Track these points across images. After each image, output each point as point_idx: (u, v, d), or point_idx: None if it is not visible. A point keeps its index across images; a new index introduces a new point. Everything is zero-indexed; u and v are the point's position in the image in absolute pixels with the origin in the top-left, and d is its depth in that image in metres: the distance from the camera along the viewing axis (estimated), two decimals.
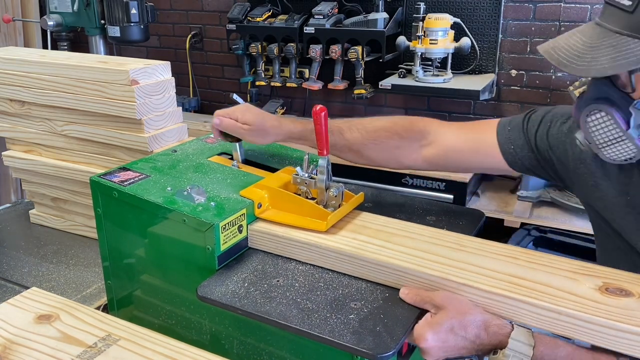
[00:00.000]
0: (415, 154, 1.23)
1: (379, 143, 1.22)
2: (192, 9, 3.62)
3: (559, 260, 0.96)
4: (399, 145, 1.22)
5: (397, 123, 1.25)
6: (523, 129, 1.13)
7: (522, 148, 1.13)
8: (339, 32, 2.89)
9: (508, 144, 1.14)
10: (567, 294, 0.86)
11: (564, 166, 1.09)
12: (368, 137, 1.23)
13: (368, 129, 1.23)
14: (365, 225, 1.09)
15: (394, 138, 1.22)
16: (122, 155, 1.48)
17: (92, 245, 1.59)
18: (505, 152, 1.14)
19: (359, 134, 1.23)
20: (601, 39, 0.83)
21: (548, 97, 2.80)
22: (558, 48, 0.88)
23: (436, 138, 1.21)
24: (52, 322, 0.90)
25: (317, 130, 1.04)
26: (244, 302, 0.92)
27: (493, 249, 1.01)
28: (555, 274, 0.92)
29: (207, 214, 1.01)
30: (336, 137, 1.22)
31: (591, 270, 0.92)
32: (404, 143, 1.22)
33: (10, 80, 1.56)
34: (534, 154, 1.12)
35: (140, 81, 1.41)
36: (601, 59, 0.82)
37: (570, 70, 0.85)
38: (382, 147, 1.23)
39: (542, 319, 0.84)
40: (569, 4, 2.63)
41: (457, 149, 1.19)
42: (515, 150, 1.13)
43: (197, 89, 3.72)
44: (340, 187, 1.09)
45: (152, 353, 0.83)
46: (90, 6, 2.85)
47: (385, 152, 1.23)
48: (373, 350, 0.81)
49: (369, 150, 1.23)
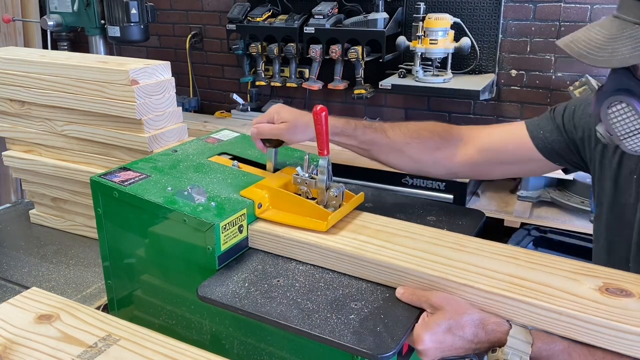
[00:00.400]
0: (454, 155, 1.22)
1: (422, 142, 1.21)
2: (192, 9, 3.62)
3: (559, 260, 0.96)
4: (439, 146, 1.22)
5: (436, 124, 1.25)
6: (550, 117, 1.17)
7: (552, 132, 1.15)
8: (339, 32, 2.89)
9: (537, 130, 1.16)
10: (568, 294, 0.86)
11: (588, 144, 1.12)
12: (411, 136, 1.21)
13: (410, 128, 1.23)
14: (365, 225, 1.09)
15: (435, 138, 1.22)
16: (122, 155, 1.48)
17: (92, 245, 1.59)
18: (535, 137, 1.16)
19: (402, 132, 1.22)
20: (620, 30, 0.84)
21: (548, 97, 2.80)
22: (577, 41, 0.89)
23: (472, 135, 1.23)
24: (52, 322, 0.90)
25: (318, 130, 1.04)
26: (245, 302, 0.92)
27: (493, 249, 1.01)
28: (555, 274, 0.91)
29: (208, 214, 1.01)
30: (379, 135, 1.21)
31: (591, 270, 0.92)
32: (444, 144, 1.22)
33: (10, 80, 1.56)
34: (563, 137, 1.15)
35: (140, 81, 1.41)
36: (622, 50, 0.83)
37: (592, 61, 0.86)
38: (424, 147, 1.22)
39: (542, 319, 0.84)
40: (569, 4, 2.63)
41: (492, 143, 1.21)
42: (544, 135, 1.15)
43: (197, 89, 3.72)
44: (340, 187, 1.09)
45: (153, 353, 0.83)
46: (90, 6, 2.85)
47: (427, 152, 1.22)
48: (373, 351, 0.81)
49: (412, 149, 1.21)
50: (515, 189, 2.72)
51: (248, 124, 3.06)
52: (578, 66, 2.68)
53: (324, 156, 1.06)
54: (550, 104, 2.79)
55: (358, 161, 2.78)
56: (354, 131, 1.21)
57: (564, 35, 0.92)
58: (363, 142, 1.21)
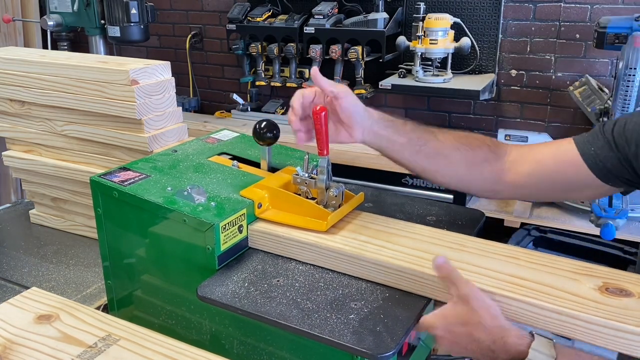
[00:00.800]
0: (502, 171, 1.09)
1: (472, 149, 1.08)
2: (192, 9, 3.62)
3: (559, 260, 0.96)
4: (488, 158, 1.09)
5: (484, 137, 1.13)
6: (601, 132, 1.07)
7: (602, 148, 1.05)
8: (339, 32, 2.89)
9: (588, 146, 1.06)
10: (568, 294, 0.86)
11: None
12: (460, 141, 1.08)
13: (459, 134, 1.11)
14: (365, 225, 1.09)
15: (483, 148, 1.09)
16: (122, 155, 1.48)
17: (92, 245, 1.59)
18: (586, 154, 1.05)
19: (452, 136, 1.10)
20: None
21: (548, 97, 2.80)
22: None
23: (521, 153, 1.10)
24: (52, 322, 0.90)
25: (317, 130, 1.04)
26: (244, 302, 0.92)
27: (493, 249, 1.01)
28: (556, 274, 0.92)
29: (207, 214, 1.01)
30: (428, 135, 1.08)
31: (591, 270, 0.93)
32: (492, 157, 1.09)
33: (10, 80, 1.56)
34: (614, 152, 1.05)
35: (140, 81, 1.41)
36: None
37: None
38: (473, 155, 1.08)
39: (542, 319, 0.84)
40: (569, 4, 2.63)
41: (542, 160, 1.09)
42: (595, 152, 1.06)
43: (197, 89, 3.72)
44: (340, 187, 1.09)
45: (152, 353, 0.83)
46: (90, 6, 2.85)
47: (476, 163, 1.09)
48: (373, 351, 0.81)
49: (461, 156, 1.08)
50: None
51: (248, 124, 3.06)
52: (578, 66, 2.68)
53: (323, 156, 1.06)
54: (550, 104, 2.80)
55: (358, 161, 2.79)
56: (404, 126, 1.07)
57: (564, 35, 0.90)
58: (412, 139, 1.06)
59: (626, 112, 2.16)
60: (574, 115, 2.76)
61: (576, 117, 2.75)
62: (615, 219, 1.99)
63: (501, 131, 2.52)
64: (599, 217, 2.04)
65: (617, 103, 2.18)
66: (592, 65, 2.65)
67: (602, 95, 2.42)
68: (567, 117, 2.78)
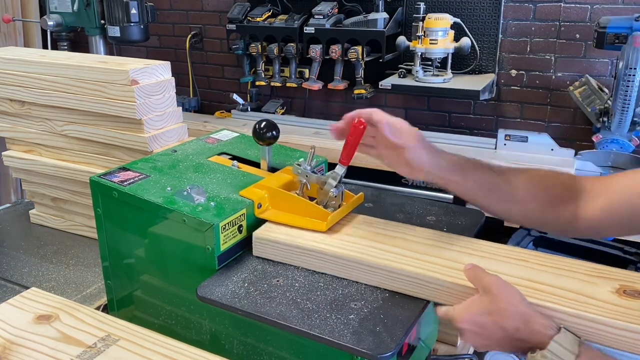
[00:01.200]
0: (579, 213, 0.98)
1: (547, 192, 0.99)
2: (192, 9, 3.62)
3: (571, 262, 0.95)
4: (565, 199, 0.98)
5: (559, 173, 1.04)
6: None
7: None
8: (339, 32, 2.89)
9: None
10: (587, 297, 0.85)
11: None
12: (533, 182, 1.00)
13: (532, 174, 1.02)
14: (366, 225, 1.08)
15: (557, 187, 1.00)
16: (122, 155, 1.48)
17: (92, 245, 1.59)
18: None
19: (525, 178, 1.01)
20: None
21: (548, 97, 2.80)
22: None
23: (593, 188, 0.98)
24: (51, 322, 0.90)
25: (350, 141, 1.02)
26: (244, 302, 0.92)
27: (500, 251, 0.99)
28: (570, 277, 0.90)
29: (207, 214, 1.01)
30: (500, 179, 1.00)
31: (605, 272, 0.92)
32: (567, 195, 0.99)
33: (10, 80, 1.56)
34: None
35: (140, 81, 1.41)
36: None
37: None
38: (549, 198, 0.99)
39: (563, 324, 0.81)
40: (569, 4, 2.63)
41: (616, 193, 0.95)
42: None
43: (197, 89, 3.72)
44: (340, 187, 1.09)
45: (152, 353, 0.83)
46: (90, 6, 2.85)
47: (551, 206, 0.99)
48: (373, 351, 0.81)
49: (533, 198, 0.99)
50: None
51: (248, 124, 3.06)
52: (578, 66, 2.68)
53: (343, 165, 1.06)
54: (550, 104, 2.80)
55: (358, 161, 2.78)
56: (474, 171, 1.00)
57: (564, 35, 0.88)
58: (482, 185, 1.00)
59: (626, 112, 2.17)
60: (574, 115, 2.76)
61: (576, 117, 2.75)
62: None
63: (501, 131, 2.51)
64: None
65: (617, 103, 2.18)
66: (592, 65, 2.65)
67: (602, 95, 2.42)
68: (567, 117, 2.78)
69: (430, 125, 3.05)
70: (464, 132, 2.93)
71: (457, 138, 2.68)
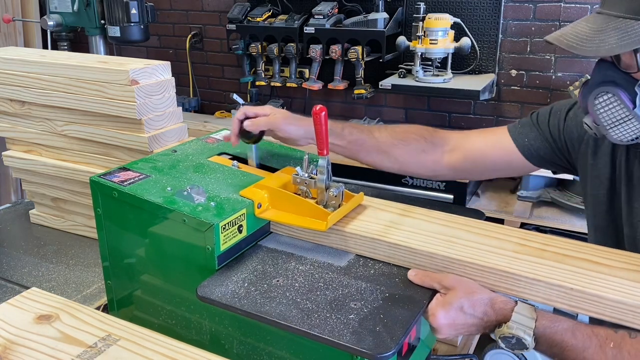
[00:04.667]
0: (440, 159, 1.27)
1: (407, 144, 1.26)
2: (192, 9, 3.62)
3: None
4: (425, 149, 1.26)
5: (422, 128, 1.30)
6: (534, 124, 1.22)
7: (535, 139, 1.21)
8: (339, 32, 2.89)
9: (522, 138, 1.22)
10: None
11: (572, 148, 1.17)
12: (397, 137, 1.26)
13: (396, 130, 1.28)
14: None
15: (420, 141, 1.26)
16: (122, 155, 1.48)
17: (92, 245, 1.59)
18: (520, 145, 1.21)
19: (388, 134, 1.27)
20: (605, 23, 0.90)
21: (548, 97, 2.80)
22: (566, 35, 0.94)
23: (458, 143, 1.27)
24: (52, 322, 0.90)
25: (317, 130, 1.04)
26: (244, 302, 0.92)
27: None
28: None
29: (207, 214, 1.01)
30: (365, 135, 1.25)
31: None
32: (429, 147, 1.27)
33: (10, 80, 1.56)
34: (549, 143, 1.20)
35: (140, 81, 1.41)
36: (608, 40, 0.88)
37: (581, 51, 0.91)
38: (410, 149, 1.26)
39: None
40: (569, 4, 2.63)
41: (478, 149, 1.26)
42: (529, 142, 1.21)
43: (197, 89, 3.72)
44: (340, 187, 1.09)
45: (152, 353, 0.83)
46: (90, 6, 2.85)
47: (412, 154, 1.26)
48: (373, 350, 0.81)
49: (398, 150, 1.26)
50: (516, 189, 2.72)
51: None
52: (578, 66, 2.68)
53: (323, 156, 1.06)
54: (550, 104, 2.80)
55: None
56: (342, 131, 1.24)
57: None
58: (350, 142, 1.25)
59: None
60: None
61: None
62: None
63: None
64: None
65: None
66: (592, 65, 2.63)
67: None
68: None
69: (430, 125, 3.05)
70: None
71: None
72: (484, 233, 1.06)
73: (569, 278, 0.90)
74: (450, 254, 0.97)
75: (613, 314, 0.86)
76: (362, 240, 1.05)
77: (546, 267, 0.93)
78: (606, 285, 0.88)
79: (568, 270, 0.92)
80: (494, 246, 1.00)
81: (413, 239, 1.02)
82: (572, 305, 0.89)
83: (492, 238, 1.04)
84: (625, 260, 0.95)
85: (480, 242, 1.01)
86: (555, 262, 0.95)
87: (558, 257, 0.96)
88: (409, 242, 1.01)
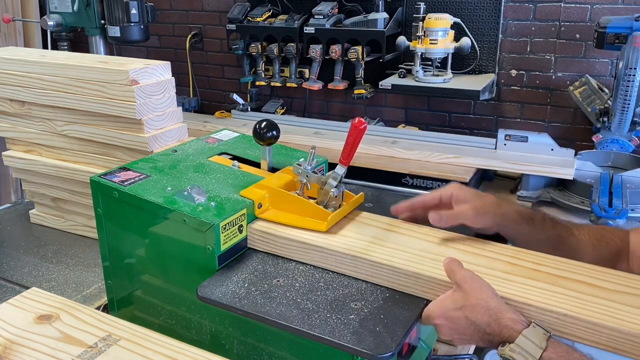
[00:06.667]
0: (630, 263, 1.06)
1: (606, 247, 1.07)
2: (192, 9, 3.62)
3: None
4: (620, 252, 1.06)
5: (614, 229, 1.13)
6: None
7: None
8: (339, 32, 2.88)
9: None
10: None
11: None
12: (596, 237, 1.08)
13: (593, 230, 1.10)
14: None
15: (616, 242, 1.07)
16: (122, 155, 1.48)
17: (92, 245, 1.59)
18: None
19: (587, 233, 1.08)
20: None
21: (548, 97, 2.80)
22: None
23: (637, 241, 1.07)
24: (52, 322, 0.90)
25: (349, 141, 1.04)
26: (244, 302, 0.92)
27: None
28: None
29: (208, 214, 1.01)
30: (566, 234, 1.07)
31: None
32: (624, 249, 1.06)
33: (10, 80, 1.56)
34: None
35: (140, 81, 1.41)
36: None
37: None
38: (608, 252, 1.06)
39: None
40: (569, 4, 2.63)
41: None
42: None
43: (197, 89, 3.72)
44: (340, 187, 1.09)
45: (152, 353, 0.83)
46: (90, 6, 2.84)
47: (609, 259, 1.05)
48: (373, 351, 0.81)
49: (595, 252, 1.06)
50: (516, 189, 2.71)
51: (248, 124, 3.05)
52: (578, 66, 2.68)
53: (343, 165, 1.07)
54: (550, 104, 2.80)
55: (358, 161, 2.78)
56: (543, 223, 1.07)
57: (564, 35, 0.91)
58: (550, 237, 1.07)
59: (626, 112, 2.16)
60: (574, 115, 2.75)
61: (576, 117, 2.75)
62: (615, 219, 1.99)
63: (501, 131, 2.51)
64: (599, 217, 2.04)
65: (617, 103, 2.18)
66: (592, 65, 2.65)
67: (602, 95, 2.42)
68: (567, 117, 2.78)
69: (430, 125, 3.05)
70: (464, 132, 2.93)
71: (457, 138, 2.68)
72: (473, 251, 1.00)
73: (562, 303, 0.85)
74: (436, 275, 0.92)
75: (609, 343, 0.81)
76: (343, 258, 0.99)
77: (538, 290, 0.88)
78: (602, 312, 0.83)
79: (562, 294, 0.87)
80: (483, 266, 0.95)
81: (397, 257, 0.97)
82: (566, 332, 0.84)
83: (482, 257, 0.98)
84: (622, 282, 0.91)
85: (469, 262, 0.95)
86: (548, 284, 0.90)
87: (551, 279, 0.91)
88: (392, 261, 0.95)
